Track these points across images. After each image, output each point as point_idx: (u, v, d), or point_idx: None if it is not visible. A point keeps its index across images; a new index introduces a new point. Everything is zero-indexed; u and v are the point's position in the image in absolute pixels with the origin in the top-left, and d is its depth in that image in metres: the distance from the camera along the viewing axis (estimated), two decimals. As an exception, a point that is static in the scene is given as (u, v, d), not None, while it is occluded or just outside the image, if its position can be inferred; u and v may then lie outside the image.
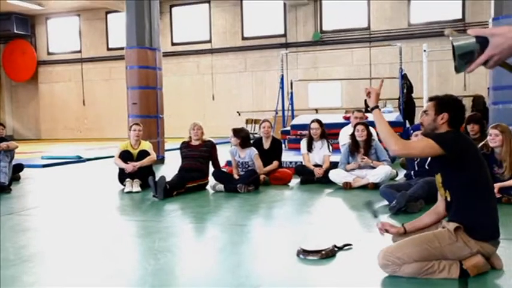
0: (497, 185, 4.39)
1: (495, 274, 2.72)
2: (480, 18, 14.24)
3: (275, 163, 6.50)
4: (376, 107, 2.80)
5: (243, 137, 6.20)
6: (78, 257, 3.41)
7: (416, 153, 2.92)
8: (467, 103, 13.90)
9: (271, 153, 6.55)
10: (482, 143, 4.79)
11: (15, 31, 19.65)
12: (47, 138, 20.80)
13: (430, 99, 2.90)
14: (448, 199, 2.77)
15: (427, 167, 5.05)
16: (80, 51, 20.28)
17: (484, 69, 1.68)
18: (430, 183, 4.23)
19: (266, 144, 6.67)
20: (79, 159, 10.34)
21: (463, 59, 1.54)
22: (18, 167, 7.43)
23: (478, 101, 13.67)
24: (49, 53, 20.88)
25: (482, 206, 2.67)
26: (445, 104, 2.78)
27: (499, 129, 4.60)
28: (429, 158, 5.04)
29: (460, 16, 15.24)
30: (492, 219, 2.69)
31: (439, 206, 2.90)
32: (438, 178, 2.82)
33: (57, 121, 20.88)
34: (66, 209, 5.29)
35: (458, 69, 1.58)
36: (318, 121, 6.76)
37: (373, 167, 5.94)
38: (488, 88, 9.06)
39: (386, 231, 3.00)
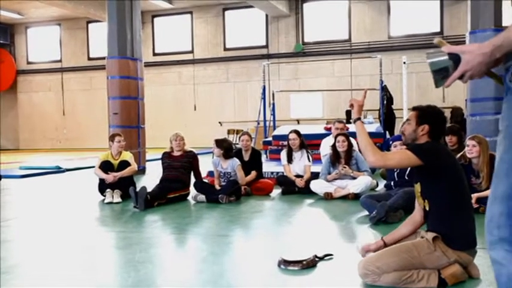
0: (474, 195, 4.47)
1: (472, 283, 2.76)
2: (457, 32, 14.53)
3: (253, 173, 6.53)
4: (359, 118, 2.84)
5: (225, 148, 6.21)
6: (57, 268, 3.36)
7: (393, 164, 2.96)
8: (446, 114, 14.07)
9: (251, 165, 6.57)
10: (460, 154, 4.87)
11: (-6, 40, 19.45)
12: (25, 148, 20.50)
13: (414, 108, 2.93)
14: (427, 208, 2.81)
15: (406, 177, 5.12)
16: (60, 61, 20.11)
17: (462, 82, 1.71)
18: (410, 194, 4.29)
19: (246, 156, 6.69)
20: (58, 170, 10.21)
21: (439, 75, 1.60)
22: (-4, 178, 7.32)
23: (456, 112, 13.87)
24: (29, 62, 20.66)
25: (459, 216, 2.72)
26: (427, 115, 2.83)
27: (476, 140, 4.69)
28: (408, 169, 5.11)
29: (438, 29, 15.53)
30: (469, 228, 2.74)
31: (416, 215, 2.95)
32: (417, 188, 2.87)
33: (37, 131, 20.61)
34: (45, 220, 5.22)
35: (436, 84, 1.64)
36: (296, 131, 6.81)
37: (354, 178, 6.00)
38: (466, 100, 9.22)
39: (369, 250, 3.03)
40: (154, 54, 18.66)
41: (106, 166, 6.32)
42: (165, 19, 18.63)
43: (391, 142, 7.03)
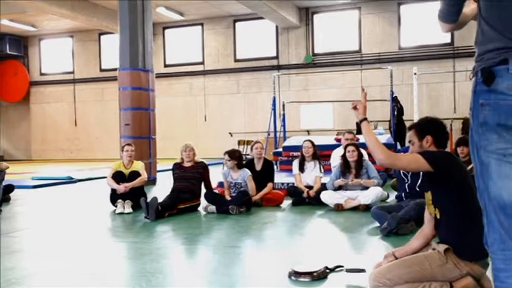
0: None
1: (485, 296, 2.73)
2: (468, 43, 14.48)
3: (269, 185, 6.51)
4: (365, 119, 2.84)
5: (238, 158, 6.24)
6: (68, 279, 3.38)
7: (402, 165, 2.95)
8: (458, 125, 14.05)
9: (263, 175, 6.56)
10: (472, 165, 4.84)
11: (8, 52, 19.68)
12: (37, 158, 20.67)
13: (409, 128, 2.95)
14: (438, 216, 2.79)
15: (417, 188, 5.09)
16: (72, 72, 20.32)
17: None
18: (421, 205, 4.26)
19: (258, 166, 6.68)
20: (70, 180, 10.28)
21: None
22: (9, 188, 7.38)
23: (468, 123, 13.76)
24: (42, 74, 20.89)
25: (470, 225, 2.69)
26: (425, 127, 2.86)
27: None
28: (419, 180, 5.09)
29: (449, 40, 15.50)
30: (480, 238, 2.71)
31: (426, 228, 2.93)
32: (428, 196, 2.86)
33: (49, 142, 20.78)
34: (56, 231, 5.26)
35: None
36: (311, 141, 6.84)
37: (365, 188, 5.98)
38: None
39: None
40: (166, 65, 18.80)
41: (118, 176, 6.36)
42: (176, 31, 18.78)
43: (402, 153, 7.01)
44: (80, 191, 8.99)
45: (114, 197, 6.28)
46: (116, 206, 6.19)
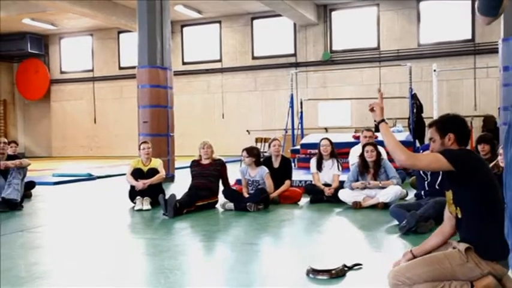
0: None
1: (507, 296, 2.69)
2: (490, 39, 14.27)
3: (287, 183, 6.50)
4: (383, 120, 2.82)
5: (256, 155, 6.25)
6: (88, 274, 3.43)
7: (423, 166, 2.91)
8: (478, 123, 13.85)
9: (281, 172, 6.55)
10: (493, 163, 4.77)
11: (29, 50, 19.96)
12: (58, 155, 20.95)
13: (430, 125, 2.90)
14: (459, 216, 2.76)
15: (437, 186, 5.04)
16: (92, 70, 20.53)
17: (495, 89, 1.74)
18: (441, 203, 4.22)
19: (276, 163, 6.67)
20: (90, 177, 10.40)
21: None
22: (30, 185, 7.50)
23: (488, 121, 13.60)
24: (62, 72, 21.16)
25: (492, 225, 2.66)
26: (447, 125, 2.80)
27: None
28: (439, 178, 5.03)
29: (469, 36, 15.28)
30: (503, 237, 2.67)
31: (445, 226, 2.89)
32: (449, 195, 2.82)
33: (69, 139, 21.05)
34: (77, 227, 5.33)
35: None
36: (328, 139, 6.81)
37: (383, 187, 5.93)
38: (499, 108, 9.03)
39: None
40: (184, 63, 18.88)
41: (137, 173, 6.42)
42: (194, 28, 18.84)
43: (421, 151, 6.95)
44: (99, 188, 9.10)
45: (133, 193, 6.34)
46: (134, 203, 6.25)
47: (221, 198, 6.15)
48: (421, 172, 5.34)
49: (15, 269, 3.53)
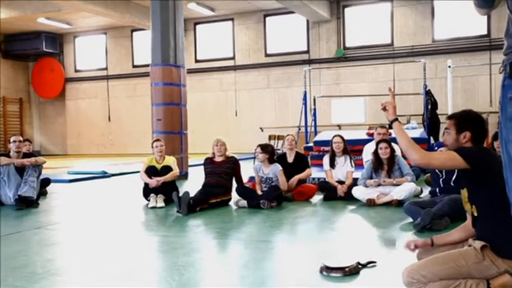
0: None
1: (524, 294, 2.66)
2: (506, 34, 14.09)
3: (308, 170, 6.72)
4: (396, 119, 2.79)
5: (270, 152, 6.25)
6: (103, 271, 3.46)
7: (438, 164, 2.87)
8: (494, 119, 13.68)
9: (295, 167, 6.59)
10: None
11: (44, 49, 20.17)
12: (73, 153, 21.16)
13: (450, 117, 2.86)
14: (475, 214, 2.73)
15: (452, 184, 4.99)
16: (106, 69, 20.68)
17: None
18: (456, 201, 4.18)
19: (290, 158, 6.73)
20: (104, 175, 10.49)
21: None
22: (46, 182, 7.58)
23: (504, 117, 13.44)
24: (76, 71, 21.35)
25: (508, 223, 2.62)
26: (466, 122, 2.75)
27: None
28: (454, 175, 4.98)
29: (485, 32, 15.10)
30: None
31: (470, 223, 2.86)
32: (464, 193, 2.79)
33: (83, 137, 21.24)
34: (91, 224, 5.38)
35: None
36: (340, 136, 6.79)
37: (397, 184, 5.89)
38: (515, 104, 8.91)
39: (415, 246, 2.94)
40: (197, 61, 18.93)
41: (151, 171, 6.45)
42: (207, 26, 18.87)
43: (436, 148, 6.89)
44: (113, 185, 9.17)
45: (147, 191, 6.38)
46: (148, 200, 6.29)
47: (234, 195, 6.16)
48: (436, 169, 5.29)
49: (32, 265, 3.57)
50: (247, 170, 7.18)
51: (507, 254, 2.58)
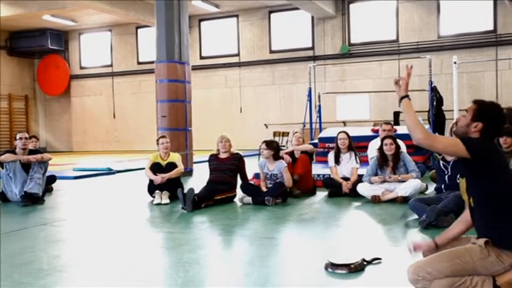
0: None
1: (530, 291, 2.65)
2: (512, 30, 14.02)
3: (307, 145, 7.39)
4: (406, 96, 2.77)
5: (275, 148, 6.25)
6: (108, 267, 3.47)
7: (440, 148, 2.84)
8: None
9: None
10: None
11: (50, 46, 20.22)
12: (78, 150, 21.23)
13: (475, 101, 2.79)
14: (472, 205, 2.72)
15: (458, 180, 4.97)
16: (111, 66, 20.71)
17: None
18: (461, 197, 4.16)
19: (297, 153, 6.97)
20: (109, 171, 10.51)
21: None
22: (51, 179, 7.61)
23: (511, 113, 13.39)
24: (81, 68, 21.39)
25: (506, 216, 2.60)
26: (485, 113, 2.70)
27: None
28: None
29: (491, 27, 15.01)
30: None
31: (468, 213, 2.85)
32: (462, 182, 2.78)
33: (88, 134, 21.31)
34: (97, 220, 5.39)
35: None
36: (345, 132, 6.78)
37: (403, 181, 5.87)
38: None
39: (419, 248, 2.93)
40: (201, 57, 18.93)
41: (156, 167, 6.46)
42: (212, 23, 18.86)
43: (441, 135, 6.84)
44: (118, 182, 9.19)
45: (152, 188, 6.39)
46: (153, 197, 6.30)
47: (239, 192, 6.16)
48: (442, 165, 5.27)
49: (38, 261, 3.59)
50: (252, 167, 7.18)
51: (508, 245, 2.56)
